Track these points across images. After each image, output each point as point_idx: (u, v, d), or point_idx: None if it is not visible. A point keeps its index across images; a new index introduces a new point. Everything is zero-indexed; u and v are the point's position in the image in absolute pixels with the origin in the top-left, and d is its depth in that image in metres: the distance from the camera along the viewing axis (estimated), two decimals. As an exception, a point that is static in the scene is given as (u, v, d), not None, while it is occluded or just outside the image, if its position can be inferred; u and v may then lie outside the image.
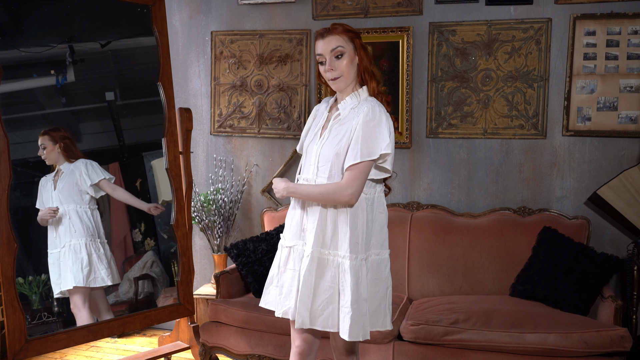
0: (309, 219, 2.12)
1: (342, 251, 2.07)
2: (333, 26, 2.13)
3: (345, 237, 2.06)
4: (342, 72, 2.10)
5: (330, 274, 2.09)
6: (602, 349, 2.57)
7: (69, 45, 3.07)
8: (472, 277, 3.24)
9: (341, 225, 2.08)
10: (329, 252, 2.09)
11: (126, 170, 3.33)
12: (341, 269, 2.07)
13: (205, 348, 3.18)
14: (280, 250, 2.24)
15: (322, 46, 2.10)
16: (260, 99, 3.88)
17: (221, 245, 3.81)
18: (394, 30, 3.57)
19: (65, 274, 3.02)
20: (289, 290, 2.15)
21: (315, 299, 2.09)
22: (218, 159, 3.98)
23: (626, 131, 3.28)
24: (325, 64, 2.11)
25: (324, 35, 2.11)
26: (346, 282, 2.05)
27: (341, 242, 2.07)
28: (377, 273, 2.14)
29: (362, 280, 2.08)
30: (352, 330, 2.04)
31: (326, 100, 2.30)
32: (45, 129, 3.05)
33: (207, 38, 3.96)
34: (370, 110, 2.06)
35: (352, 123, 2.08)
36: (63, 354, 3.63)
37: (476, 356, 2.70)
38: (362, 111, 2.07)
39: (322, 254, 2.09)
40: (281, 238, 2.25)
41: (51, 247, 3.04)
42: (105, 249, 3.15)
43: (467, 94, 3.51)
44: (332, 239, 2.09)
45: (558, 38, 3.36)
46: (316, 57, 2.15)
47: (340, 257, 2.07)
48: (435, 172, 3.61)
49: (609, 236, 3.35)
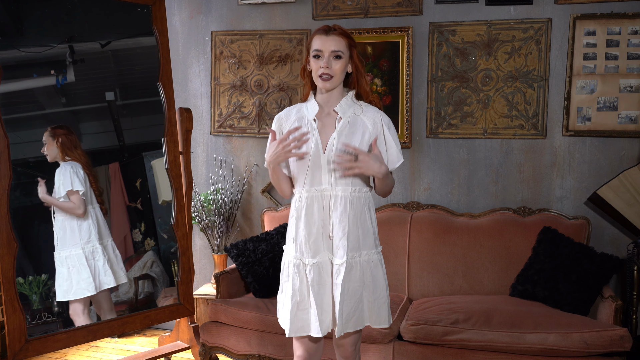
0: (335, 227, 2.10)
1: (367, 248, 2.14)
2: (336, 27, 2.13)
3: (369, 234, 2.15)
4: (336, 73, 2.10)
5: (357, 274, 2.12)
6: (602, 349, 2.57)
7: (69, 45, 3.07)
8: (472, 277, 3.24)
9: (365, 224, 2.14)
10: (356, 255, 2.12)
11: (126, 170, 3.33)
12: (370, 265, 2.14)
13: (205, 348, 3.18)
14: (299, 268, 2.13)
15: (324, 43, 2.09)
16: (260, 99, 3.88)
17: (221, 245, 3.81)
18: (394, 30, 3.57)
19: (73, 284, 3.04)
20: (328, 305, 2.12)
21: (347, 303, 2.10)
22: (218, 159, 3.98)
23: (626, 131, 3.28)
24: (321, 59, 2.09)
25: (328, 33, 2.10)
26: (378, 274, 2.15)
27: (367, 241, 2.14)
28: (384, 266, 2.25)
29: (384, 271, 2.20)
30: (389, 317, 2.18)
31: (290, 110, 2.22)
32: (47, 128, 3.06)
33: (207, 38, 3.96)
34: (388, 119, 2.18)
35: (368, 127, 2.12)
36: (63, 354, 3.63)
37: (476, 356, 2.70)
38: (377, 118, 2.15)
39: (352, 258, 2.11)
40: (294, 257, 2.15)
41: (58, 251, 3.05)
42: (107, 249, 3.16)
43: (467, 94, 3.51)
44: (359, 241, 2.12)
45: (558, 38, 3.36)
46: (312, 51, 2.11)
47: (367, 255, 2.13)
48: (435, 172, 3.61)
49: (609, 236, 3.35)
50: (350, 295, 2.10)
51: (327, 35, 2.10)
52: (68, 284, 3.02)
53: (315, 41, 2.11)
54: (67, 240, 3.05)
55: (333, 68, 2.08)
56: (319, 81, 2.10)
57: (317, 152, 2.10)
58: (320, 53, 2.09)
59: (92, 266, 3.08)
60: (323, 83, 2.09)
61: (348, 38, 2.12)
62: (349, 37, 2.12)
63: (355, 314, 2.12)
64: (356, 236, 2.11)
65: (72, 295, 3.03)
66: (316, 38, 2.11)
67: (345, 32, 2.13)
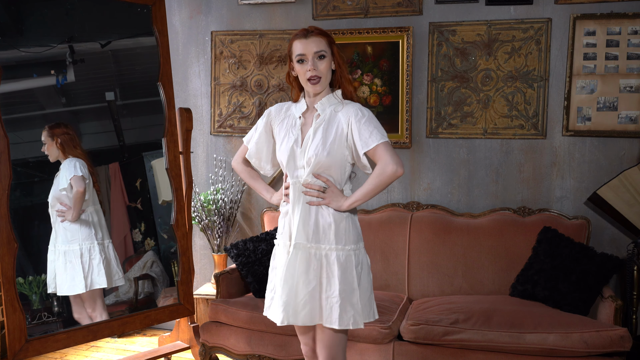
0: (296, 215, 2.14)
1: (327, 244, 2.10)
2: (312, 28, 2.15)
3: (329, 229, 2.11)
4: (323, 73, 2.12)
5: (313, 267, 2.11)
6: (602, 349, 2.57)
7: (69, 45, 3.06)
8: (472, 277, 3.24)
9: (325, 218, 2.12)
10: (312, 246, 2.11)
11: (126, 170, 3.33)
12: (326, 261, 2.10)
13: (205, 348, 3.18)
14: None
15: (306, 46, 2.11)
16: (260, 99, 3.88)
17: (221, 245, 3.81)
18: (394, 30, 3.57)
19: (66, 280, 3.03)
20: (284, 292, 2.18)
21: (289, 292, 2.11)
22: (218, 159, 3.98)
23: (626, 131, 3.28)
24: (306, 63, 2.12)
25: (307, 36, 2.13)
26: (333, 272, 2.08)
27: (325, 235, 2.11)
28: (363, 264, 2.17)
29: (350, 271, 2.10)
30: (341, 319, 2.07)
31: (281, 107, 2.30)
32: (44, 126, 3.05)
33: (207, 38, 3.96)
34: (359, 110, 2.12)
35: (341, 123, 2.12)
36: (63, 354, 3.63)
37: (476, 356, 2.70)
38: (350, 112, 2.12)
39: (306, 247, 2.11)
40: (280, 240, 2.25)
41: (51, 248, 3.04)
42: (105, 249, 3.15)
43: (467, 94, 3.51)
44: (314, 232, 2.11)
45: (558, 38, 3.36)
46: (295, 56, 2.13)
47: (325, 250, 2.10)
48: (435, 172, 3.61)
49: (609, 236, 3.35)
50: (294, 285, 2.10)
51: (306, 38, 2.13)
52: (61, 279, 3.02)
53: (296, 46, 2.13)
54: (67, 236, 3.04)
55: (319, 69, 2.11)
56: (309, 85, 2.13)
57: (296, 146, 2.16)
58: (303, 57, 2.12)
59: (85, 264, 3.07)
60: (313, 87, 2.13)
61: (327, 36, 2.15)
62: (327, 35, 2.15)
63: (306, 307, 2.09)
64: (310, 227, 2.12)
65: (66, 291, 3.03)
66: (296, 42, 2.14)
67: (323, 31, 2.16)
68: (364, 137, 2.08)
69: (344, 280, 2.08)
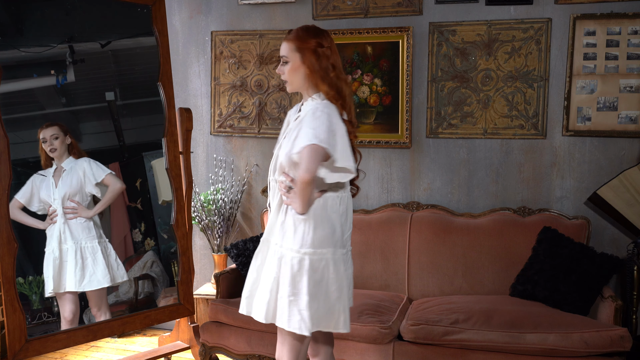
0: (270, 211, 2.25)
1: (286, 244, 2.11)
2: (289, 32, 2.18)
3: (287, 228, 2.13)
4: (286, 77, 2.19)
5: (274, 264, 2.14)
6: (602, 349, 2.57)
7: (69, 45, 3.07)
8: (472, 277, 3.24)
9: (281, 216, 2.16)
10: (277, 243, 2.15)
11: (126, 170, 3.33)
12: (283, 261, 2.12)
13: (205, 348, 3.18)
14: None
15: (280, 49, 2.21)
16: (260, 99, 3.88)
17: (221, 245, 3.81)
18: (394, 30, 3.57)
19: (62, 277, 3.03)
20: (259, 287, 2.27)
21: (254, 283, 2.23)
22: (218, 159, 3.98)
23: (626, 131, 3.28)
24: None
25: (283, 39, 2.19)
26: (285, 273, 2.10)
27: (286, 235, 2.12)
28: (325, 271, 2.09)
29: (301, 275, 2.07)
30: (282, 319, 2.09)
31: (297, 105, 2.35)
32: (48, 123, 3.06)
33: (207, 38, 3.96)
34: (311, 109, 2.12)
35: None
36: (63, 354, 3.63)
37: (476, 356, 2.70)
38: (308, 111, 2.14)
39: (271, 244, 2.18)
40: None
41: (48, 247, 3.03)
42: (106, 249, 3.15)
43: (467, 94, 3.51)
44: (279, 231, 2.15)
45: (558, 38, 3.36)
46: None
47: (283, 249, 2.12)
48: (435, 172, 3.61)
49: (609, 236, 3.35)
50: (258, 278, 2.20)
51: (283, 40, 2.19)
52: (58, 279, 3.02)
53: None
54: (67, 235, 3.04)
55: (285, 73, 2.18)
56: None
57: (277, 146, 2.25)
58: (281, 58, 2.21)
59: (80, 262, 3.07)
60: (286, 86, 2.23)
61: (296, 41, 2.14)
62: (297, 40, 2.14)
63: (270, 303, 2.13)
64: (276, 225, 2.17)
65: (62, 289, 3.03)
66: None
67: (296, 35, 2.15)
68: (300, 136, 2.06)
69: (292, 283, 2.07)
